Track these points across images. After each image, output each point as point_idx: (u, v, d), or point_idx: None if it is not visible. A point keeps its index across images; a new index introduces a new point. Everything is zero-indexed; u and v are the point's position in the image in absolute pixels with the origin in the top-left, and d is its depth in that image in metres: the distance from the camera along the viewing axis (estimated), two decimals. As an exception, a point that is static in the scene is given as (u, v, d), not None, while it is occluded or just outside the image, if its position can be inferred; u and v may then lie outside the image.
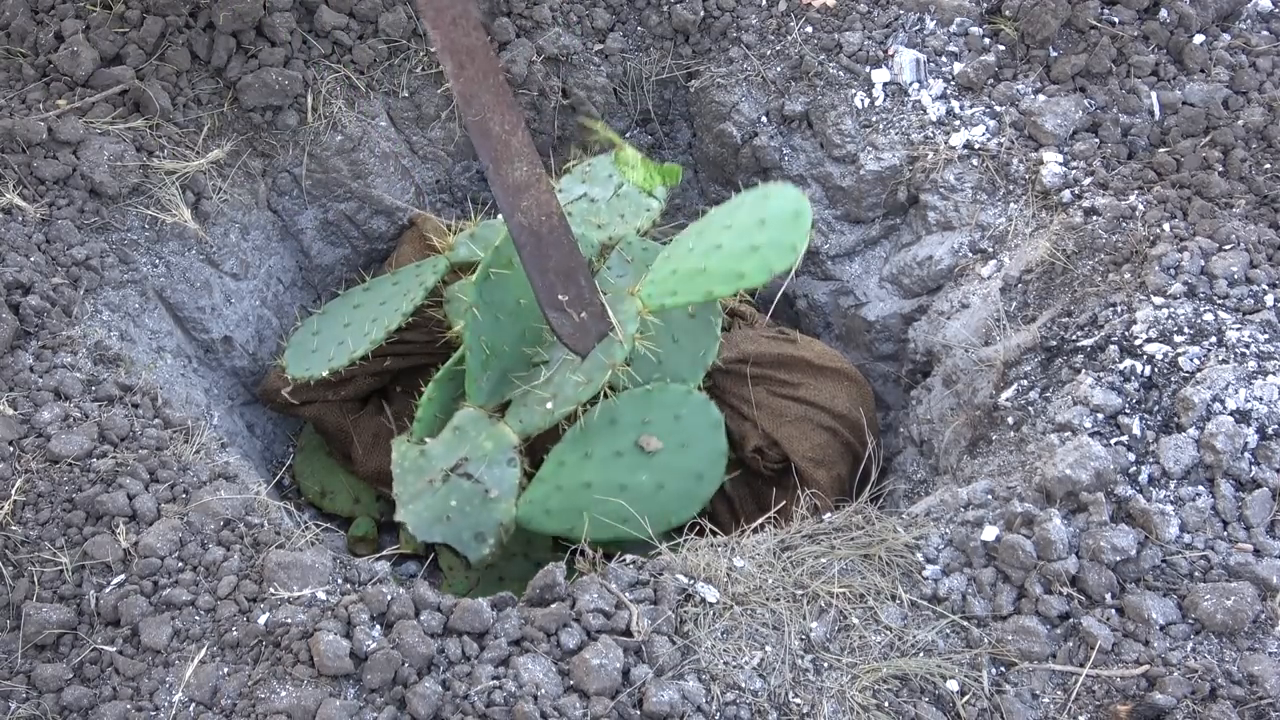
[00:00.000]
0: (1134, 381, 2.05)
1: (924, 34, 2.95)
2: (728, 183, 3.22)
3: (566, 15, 3.08)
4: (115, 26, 2.72)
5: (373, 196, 3.09)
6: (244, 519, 1.95)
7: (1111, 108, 2.70)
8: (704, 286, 2.33)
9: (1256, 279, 2.20)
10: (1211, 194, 2.40)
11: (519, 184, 2.12)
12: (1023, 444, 2.17)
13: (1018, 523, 1.87)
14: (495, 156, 2.08)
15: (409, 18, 2.95)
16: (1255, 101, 2.60)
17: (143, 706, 1.68)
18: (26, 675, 1.73)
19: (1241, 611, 1.71)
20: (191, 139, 2.73)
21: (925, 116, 2.86)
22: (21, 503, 1.90)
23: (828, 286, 3.14)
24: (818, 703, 1.69)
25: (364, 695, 1.67)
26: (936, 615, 1.82)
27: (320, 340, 2.78)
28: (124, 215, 2.57)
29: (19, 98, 2.62)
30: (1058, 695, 1.71)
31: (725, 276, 2.32)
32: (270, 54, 2.80)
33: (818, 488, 2.57)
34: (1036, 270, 2.48)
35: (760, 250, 2.30)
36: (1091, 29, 2.79)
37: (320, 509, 3.01)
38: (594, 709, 1.63)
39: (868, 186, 2.93)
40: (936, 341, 2.68)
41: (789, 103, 2.99)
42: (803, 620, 1.81)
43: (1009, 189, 2.70)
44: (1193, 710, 1.62)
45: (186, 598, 1.80)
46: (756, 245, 2.31)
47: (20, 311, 2.21)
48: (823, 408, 2.66)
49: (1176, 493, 1.88)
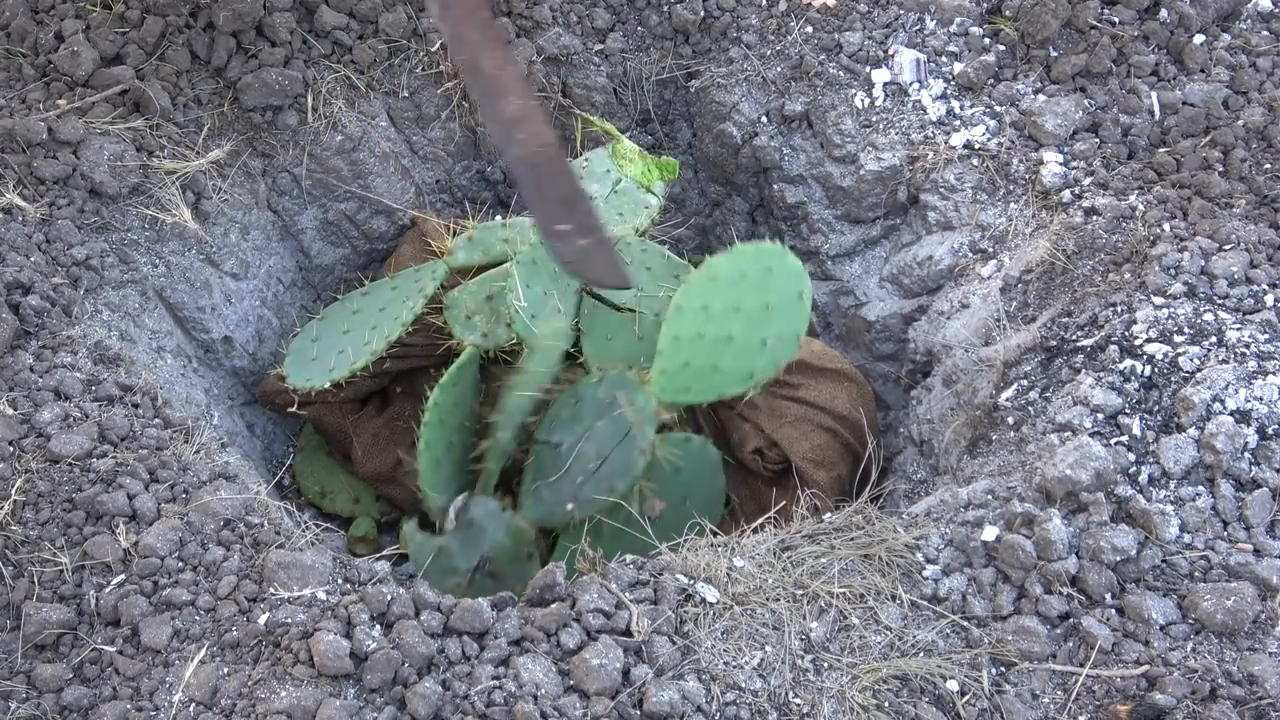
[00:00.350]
0: (1134, 381, 2.05)
1: (924, 34, 2.95)
2: (728, 182, 3.22)
3: (566, 15, 3.08)
4: (115, 26, 2.72)
5: (372, 197, 3.09)
6: (244, 519, 1.95)
7: (1111, 108, 2.70)
8: (718, 387, 2.48)
9: (1256, 279, 2.20)
10: (1211, 194, 2.40)
11: (513, 116, 2.10)
12: (1023, 444, 2.17)
13: (1018, 523, 1.87)
14: (488, 91, 2.06)
15: (409, 18, 2.95)
16: (1255, 101, 2.60)
17: (143, 706, 1.68)
18: (26, 675, 1.73)
19: (1241, 611, 1.71)
20: (191, 139, 2.73)
21: (925, 116, 2.86)
22: (21, 503, 1.90)
23: (828, 286, 3.14)
24: (818, 703, 1.69)
25: (364, 695, 1.67)
26: (936, 615, 1.82)
27: (320, 348, 2.78)
28: (124, 215, 2.57)
29: (19, 98, 2.62)
30: (1058, 695, 1.71)
31: (738, 377, 2.47)
32: (270, 54, 2.80)
33: (818, 488, 2.57)
34: (1036, 270, 2.48)
35: (769, 345, 2.46)
36: (1091, 29, 2.79)
37: (320, 509, 3.01)
38: (594, 709, 1.63)
39: (868, 186, 2.93)
40: (936, 341, 2.68)
41: (789, 103, 2.99)
42: (803, 620, 1.81)
43: (1009, 189, 2.70)
44: (1193, 710, 1.62)
45: (186, 598, 1.80)
46: (765, 339, 2.45)
47: (20, 311, 2.21)
48: (823, 408, 2.66)
49: (1176, 493, 1.88)
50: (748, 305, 2.47)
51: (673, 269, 2.78)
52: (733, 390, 2.48)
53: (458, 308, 2.65)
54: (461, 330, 2.62)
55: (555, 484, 2.47)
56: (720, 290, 2.48)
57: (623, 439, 2.45)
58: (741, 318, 2.47)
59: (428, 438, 2.44)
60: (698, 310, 2.48)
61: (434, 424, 2.44)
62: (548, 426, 2.54)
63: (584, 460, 2.45)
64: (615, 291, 2.69)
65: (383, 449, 2.88)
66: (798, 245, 3.15)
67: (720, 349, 2.46)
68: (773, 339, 2.46)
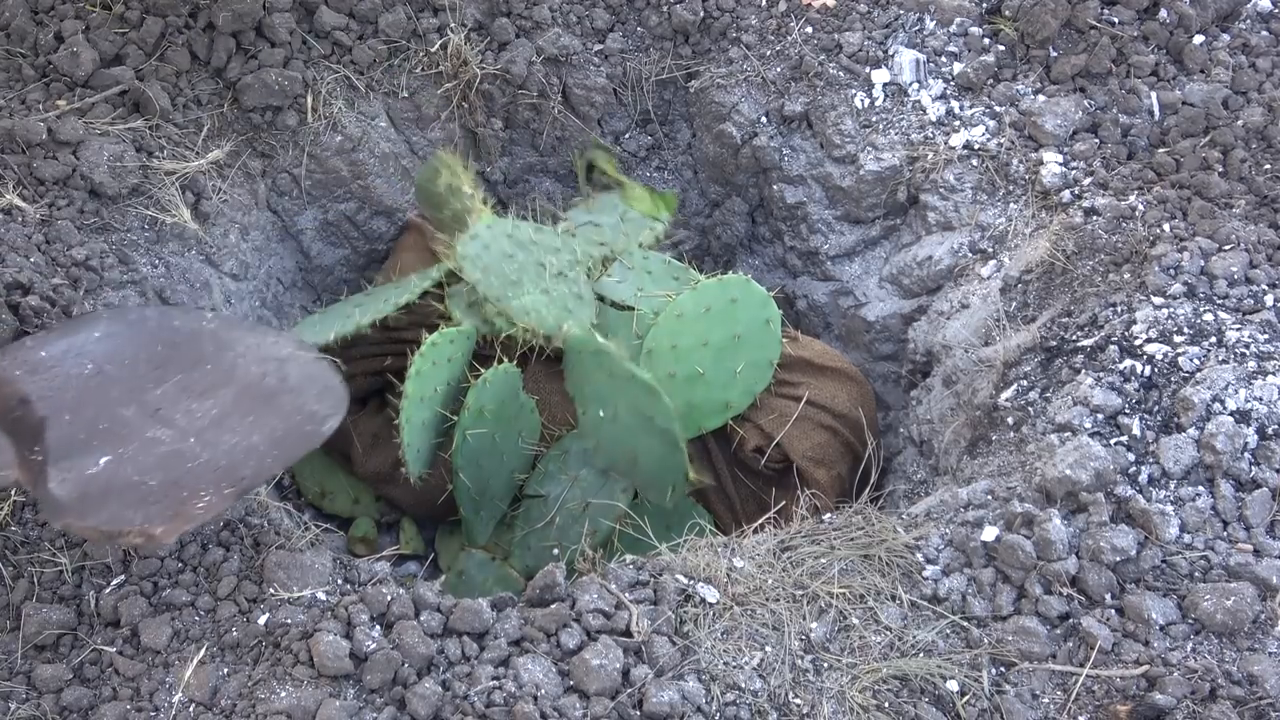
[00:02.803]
0: (1134, 381, 2.05)
1: (924, 34, 2.95)
2: (727, 183, 3.22)
3: (566, 15, 3.08)
4: (115, 27, 2.72)
5: (372, 197, 3.09)
6: (244, 519, 1.95)
7: (1111, 108, 2.70)
8: (696, 423, 2.55)
9: (1256, 279, 2.20)
10: (1211, 194, 2.40)
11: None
12: (1023, 444, 2.17)
13: (1018, 523, 1.87)
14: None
15: (409, 18, 2.95)
16: (1255, 101, 2.59)
17: (143, 707, 1.68)
18: (26, 676, 1.73)
19: (1241, 611, 1.71)
20: (191, 139, 2.73)
21: (925, 117, 2.86)
22: (21, 503, 1.90)
23: (828, 287, 3.14)
24: (818, 703, 1.69)
25: (364, 696, 1.67)
26: (936, 615, 1.82)
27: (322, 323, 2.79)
28: (124, 216, 2.57)
29: (19, 98, 2.62)
30: (1058, 695, 1.71)
31: (713, 410, 2.55)
32: (270, 54, 2.80)
33: (818, 487, 2.57)
34: (1036, 270, 2.48)
35: (741, 375, 2.53)
36: (1091, 29, 2.79)
37: (320, 509, 3.00)
38: (594, 709, 1.63)
39: (868, 187, 2.93)
40: (936, 342, 2.68)
41: (789, 103, 2.99)
42: (803, 620, 1.81)
43: (1009, 189, 2.70)
44: (1193, 710, 1.62)
45: (186, 598, 1.80)
46: (736, 369, 2.53)
47: (20, 311, 2.21)
48: (823, 407, 2.66)
49: (1176, 493, 1.88)
50: (715, 339, 2.53)
51: (672, 271, 2.82)
52: (711, 424, 2.56)
53: (460, 296, 2.67)
54: (463, 314, 2.63)
55: (542, 530, 2.53)
56: (687, 327, 2.53)
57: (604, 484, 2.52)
58: (710, 352, 2.53)
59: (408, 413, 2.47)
60: (667, 351, 2.53)
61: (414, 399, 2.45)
62: (537, 480, 2.59)
63: (569, 506, 2.50)
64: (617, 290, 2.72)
65: (382, 449, 2.87)
66: (797, 245, 3.15)
67: (693, 386, 2.53)
68: (745, 369, 2.53)
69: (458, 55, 2.94)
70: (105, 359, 2.24)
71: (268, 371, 2.34)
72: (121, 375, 2.24)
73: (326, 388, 2.32)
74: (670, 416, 2.41)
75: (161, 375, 2.27)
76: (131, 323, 2.36)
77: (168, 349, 2.33)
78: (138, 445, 2.19)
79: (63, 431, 2.09)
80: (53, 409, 2.13)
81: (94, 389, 2.19)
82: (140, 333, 2.34)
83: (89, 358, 2.23)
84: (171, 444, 2.15)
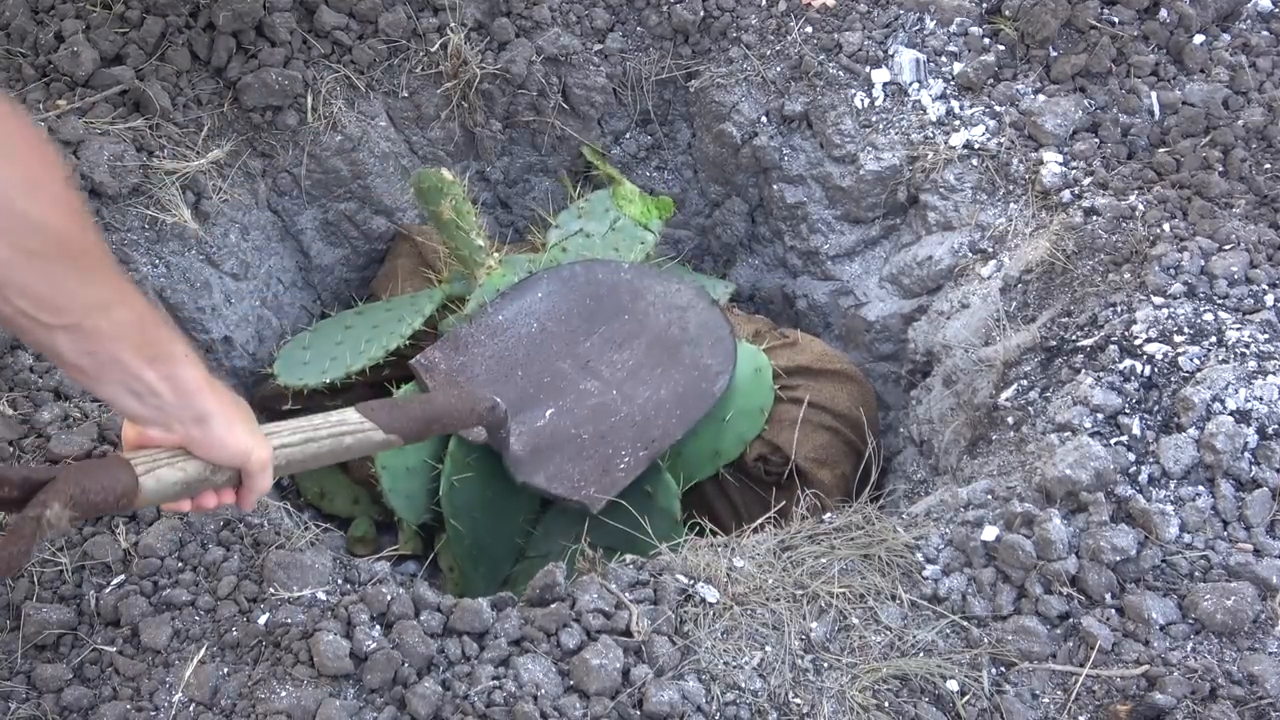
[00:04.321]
0: (1134, 381, 2.05)
1: (924, 34, 2.95)
2: (727, 183, 3.22)
3: (566, 15, 3.08)
4: (115, 26, 2.72)
5: (372, 196, 3.09)
6: (244, 519, 1.95)
7: (1111, 108, 2.70)
8: (688, 474, 2.49)
9: (1256, 279, 2.20)
10: (1211, 194, 2.40)
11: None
12: (1023, 444, 2.17)
13: (1018, 523, 1.87)
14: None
15: (409, 17, 2.95)
16: (1255, 101, 2.59)
17: (143, 707, 1.68)
18: (26, 675, 1.72)
19: (1241, 611, 1.71)
20: (191, 139, 2.73)
21: (925, 116, 2.85)
22: (21, 503, 1.90)
23: (828, 286, 3.14)
24: (818, 703, 1.69)
25: (364, 695, 1.67)
26: (936, 615, 1.82)
27: (312, 355, 2.77)
28: (124, 215, 2.57)
29: (19, 98, 2.62)
30: (1058, 695, 1.71)
31: (705, 458, 2.50)
32: (270, 54, 2.80)
33: (821, 488, 2.57)
34: (1036, 270, 2.48)
35: (731, 422, 2.50)
36: (1091, 29, 2.79)
37: (320, 509, 3.00)
38: (594, 709, 1.63)
39: (867, 186, 2.92)
40: (936, 341, 2.68)
41: (789, 103, 2.99)
42: (803, 620, 1.81)
43: (1009, 189, 2.70)
44: (1193, 710, 1.62)
45: (186, 598, 1.80)
46: (725, 418, 2.48)
47: (20, 312, 2.21)
48: (823, 408, 2.66)
49: (1176, 493, 1.88)
50: None
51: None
52: (702, 473, 2.52)
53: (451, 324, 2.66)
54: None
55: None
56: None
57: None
58: None
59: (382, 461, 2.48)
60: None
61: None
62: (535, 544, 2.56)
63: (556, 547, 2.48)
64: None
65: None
66: (797, 245, 3.15)
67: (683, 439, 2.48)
68: (734, 417, 2.50)
69: (457, 55, 2.93)
70: (547, 316, 2.52)
71: (672, 320, 2.56)
72: (560, 330, 2.51)
73: (718, 339, 2.50)
74: (672, 494, 2.39)
75: (590, 328, 2.53)
76: (564, 279, 2.58)
77: (594, 302, 2.57)
78: (574, 397, 2.46)
79: (517, 387, 2.40)
80: (509, 367, 2.44)
81: (539, 345, 2.48)
82: (572, 289, 2.56)
83: (535, 316, 2.52)
84: (599, 395, 2.43)
